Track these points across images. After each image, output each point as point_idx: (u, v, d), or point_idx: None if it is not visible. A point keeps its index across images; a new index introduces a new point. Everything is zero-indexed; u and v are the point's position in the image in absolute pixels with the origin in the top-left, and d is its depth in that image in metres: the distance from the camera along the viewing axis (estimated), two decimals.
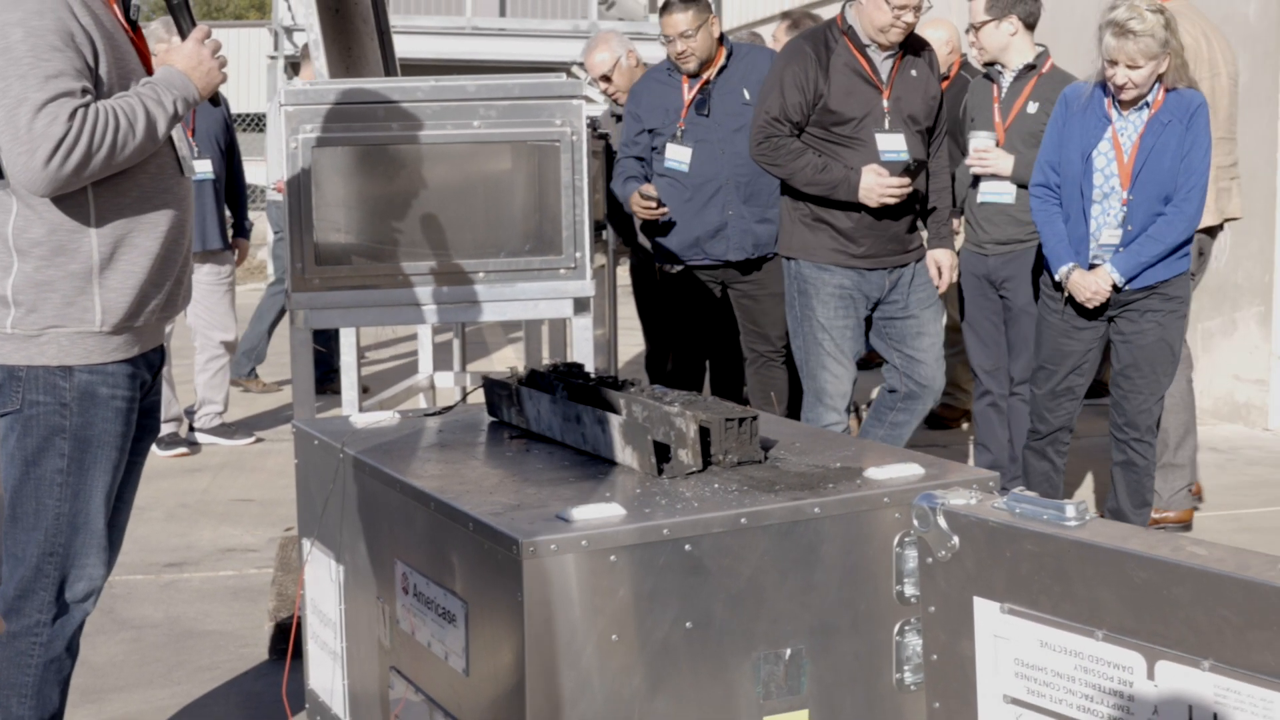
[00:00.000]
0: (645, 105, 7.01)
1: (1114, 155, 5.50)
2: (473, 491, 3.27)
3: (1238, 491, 7.40)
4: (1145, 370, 5.73)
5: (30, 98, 3.26)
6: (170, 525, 7.06)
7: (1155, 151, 5.44)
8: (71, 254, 3.47)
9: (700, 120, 6.85)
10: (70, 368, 3.51)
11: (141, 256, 3.55)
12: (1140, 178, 5.47)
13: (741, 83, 6.88)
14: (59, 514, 3.56)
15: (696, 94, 6.88)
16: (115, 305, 3.52)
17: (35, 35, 3.29)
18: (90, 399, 3.55)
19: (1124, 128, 5.50)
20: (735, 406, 3.57)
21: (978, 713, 3.00)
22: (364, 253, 5.15)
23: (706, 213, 6.86)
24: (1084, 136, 5.57)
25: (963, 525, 2.97)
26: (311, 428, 4.06)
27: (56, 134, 3.25)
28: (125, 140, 3.35)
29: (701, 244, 6.90)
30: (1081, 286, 5.59)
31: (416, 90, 5.03)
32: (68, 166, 3.27)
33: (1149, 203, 5.48)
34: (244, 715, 4.72)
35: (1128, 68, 5.29)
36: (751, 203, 6.85)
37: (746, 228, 6.87)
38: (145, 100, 3.42)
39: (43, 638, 3.60)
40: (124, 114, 3.36)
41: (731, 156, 6.80)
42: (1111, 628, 2.68)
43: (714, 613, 3.04)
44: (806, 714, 3.16)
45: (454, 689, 3.20)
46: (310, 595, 4.06)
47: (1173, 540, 2.71)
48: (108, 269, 3.50)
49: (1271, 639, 2.42)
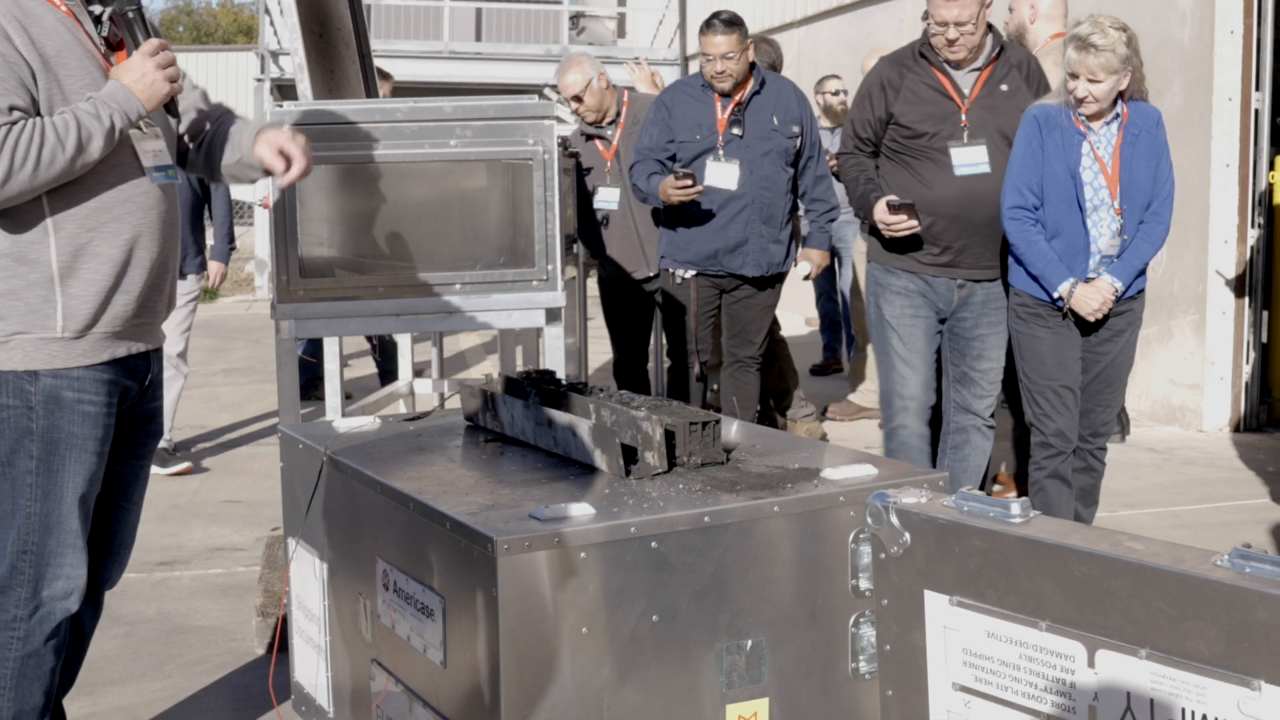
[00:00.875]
0: (677, 116, 6.91)
1: (1098, 168, 5.34)
2: (450, 492, 3.27)
3: (1173, 490, 7.43)
4: (1114, 383, 5.62)
5: None
6: (162, 525, 7.03)
7: (1134, 161, 5.34)
8: (32, 263, 3.44)
9: (733, 139, 6.82)
10: (36, 372, 3.48)
11: (104, 264, 3.50)
12: (1127, 187, 5.34)
13: (772, 109, 6.88)
14: (30, 513, 3.53)
15: (731, 113, 6.84)
16: (78, 311, 3.49)
17: None
18: (56, 403, 3.51)
19: (1098, 141, 5.35)
20: (699, 411, 3.58)
21: (929, 700, 3.01)
22: (346, 265, 5.14)
23: (730, 228, 6.83)
24: (1065, 153, 5.36)
25: (914, 523, 2.98)
26: (296, 432, 4.05)
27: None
28: (53, 155, 3.31)
29: (719, 257, 6.86)
30: (1087, 300, 5.34)
31: (396, 111, 5.02)
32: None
33: (1137, 211, 5.37)
34: (232, 706, 4.71)
35: (1089, 81, 5.18)
36: (769, 223, 6.86)
37: (764, 246, 6.87)
38: (80, 115, 3.37)
39: (19, 633, 3.57)
40: (54, 130, 3.32)
41: (759, 178, 6.80)
42: (1054, 619, 2.69)
43: (679, 606, 3.05)
44: (767, 702, 3.16)
45: (432, 680, 3.20)
46: (295, 592, 4.05)
47: (1111, 536, 2.73)
48: (69, 277, 3.47)
49: (1204, 629, 2.44)
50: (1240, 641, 2.38)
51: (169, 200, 3.68)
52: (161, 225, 3.64)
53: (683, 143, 6.84)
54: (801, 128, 6.94)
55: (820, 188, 7.07)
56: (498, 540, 2.86)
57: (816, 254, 7.18)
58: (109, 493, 3.80)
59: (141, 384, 3.76)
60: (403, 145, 4.98)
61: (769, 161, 6.81)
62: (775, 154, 6.84)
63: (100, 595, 3.95)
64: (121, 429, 3.74)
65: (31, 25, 3.39)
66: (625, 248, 7.77)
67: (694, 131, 6.83)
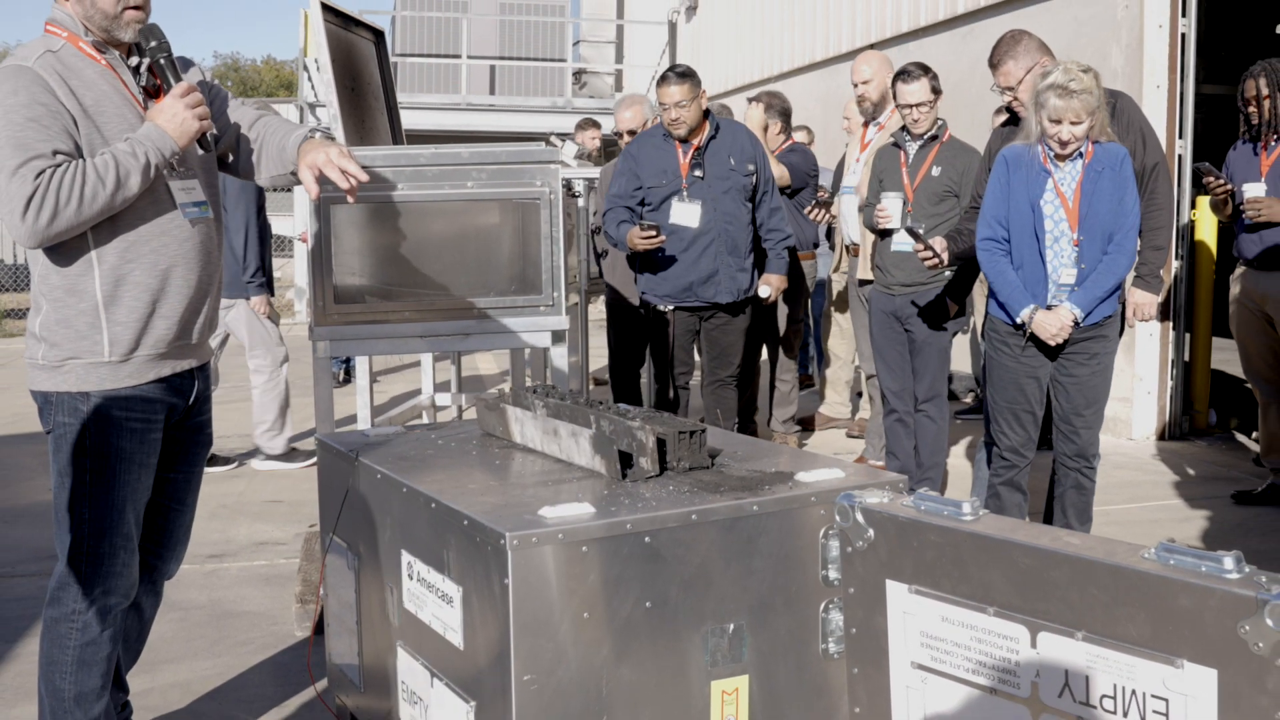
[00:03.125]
0: (644, 164, 6.91)
1: (1059, 203, 5.19)
2: (466, 493, 3.26)
3: (1106, 491, 7.42)
4: (1092, 404, 5.40)
5: (6, 164, 3.26)
6: (212, 523, 7.02)
7: (1095, 196, 5.15)
8: (80, 294, 3.46)
9: (695, 181, 6.82)
10: (88, 393, 3.50)
11: (142, 291, 3.51)
12: (1086, 220, 5.17)
13: (728, 152, 6.87)
14: (85, 520, 3.53)
15: (692, 158, 6.84)
16: (121, 336, 3.50)
17: (11, 111, 3.30)
18: (106, 421, 3.52)
19: (1063, 178, 5.19)
20: (687, 421, 3.57)
21: (890, 677, 3.00)
22: (376, 293, 5.13)
23: (701, 261, 6.81)
24: (1029, 188, 5.23)
25: (877, 520, 2.98)
26: (331, 440, 4.05)
27: (26, 193, 3.25)
28: (94, 192, 3.32)
29: (695, 288, 6.85)
30: (1046, 325, 5.21)
31: (419, 156, 5.02)
32: (41, 219, 3.27)
33: (1096, 242, 5.18)
34: (275, 683, 4.70)
35: (1071, 124, 5.05)
36: (734, 254, 6.84)
37: (733, 275, 6.86)
38: (119, 155, 3.37)
39: (78, 624, 3.57)
40: (95, 170, 3.33)
41: (722, 214, 6.80)
42: (1001, 605, 2.69)
43: (669, 594, 3.04)
44: (747, 679, 3.16)
45: (451, 660, 3.19)
46: (330, 581, 4.04)
47: (1051, 532, 2.73)
48: (112, 304, 3.48)
49: (1133, 614, 2.44)
50: (1165, 625, 2.38)
51: (202, 233, 3.67)
52: (196, 255, 3.63)
53: (650, 188, 6.86)
54: (755, 166, 6.93)
55: (775, 219, 7.06)
56: (509, 536, 2.85)
57: (775, 278, 7.14)
58: (165, 497, 3.79)
59: (188, 400, 3.76)
60: (425, 186, 4.98)
61: (729, 198, 6.81)
62: (734, 191, 6.83)
63: (160, 585, 3.95)
64: (172, 440, 3.74)
65: (72, 78, 3.41)
66: (625, 275, 7.78)
67: (660, 177, 6.85)
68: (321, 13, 6.18)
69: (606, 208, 6.99)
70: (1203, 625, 2.33)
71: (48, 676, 3.61)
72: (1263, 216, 6.71)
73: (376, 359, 8.53)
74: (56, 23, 3.49)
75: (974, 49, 11.00)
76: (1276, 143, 6.75)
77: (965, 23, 11.45)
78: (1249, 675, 2.28)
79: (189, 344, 3.68)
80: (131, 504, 3.59)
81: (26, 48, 3.43)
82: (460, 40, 21.03)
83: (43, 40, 3.46)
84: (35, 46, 3.43)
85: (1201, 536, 6.57)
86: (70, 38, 3.46)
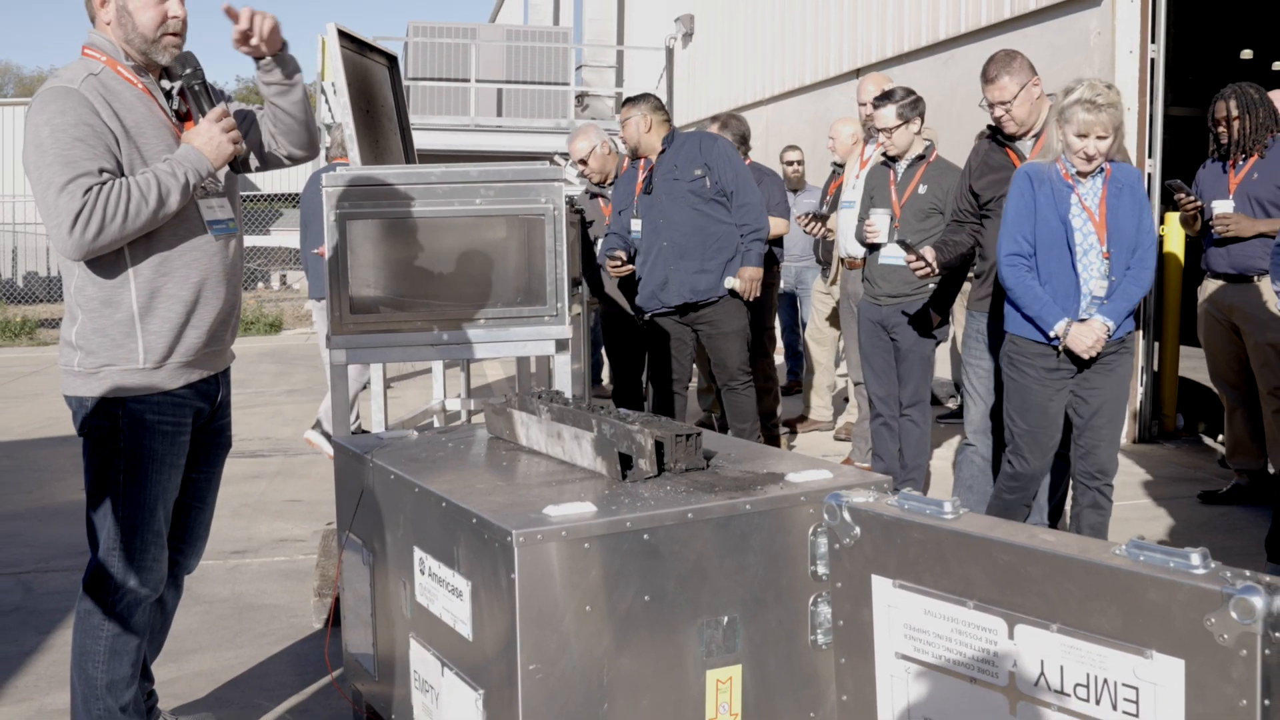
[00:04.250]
0: (619, 193, 7.08)
1: (1086, 216, 4.92)
2: (475, 493, 3.26)
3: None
4: (1113, 419, 5.09)
5: (55, 181, 3.28)
6: (235, 521, 7.02)
7: (1119, 211, 4.92)
8: (116, 305, 3.47)
9: (645, 198, 6.90)
10: (123, 399, 3.51)
11: (176, 304, 3.53)
12: (1113, 234, 4.92)
13: (674, 162, 6.89)
14: (119, 517, 3.54)
15: (645, 177, 6.93)
16: (155, 345, 3.51)
17: (59, 131, 3.31)
18: (139, 424, 3.53)
19: (1085, 194, 4.94)
20: (683, 425, 3.58)
21: (875, 667, 3.00)
22: (389, 304, 5.13)
23: (655, 270, 6.90)
24: (1056, 203, 4.96)
25: (863, 518, 2.99)
26: (348, 442, 4.05)
27: (74, 208, 3.26)
28: (138, 209, 3.34)
29: (657, 294, 6.93)
30: (1081, 337, 4.90)
31: (430, 174, 5.02)
32: (88, 234, 3.28)
33: (1123, 255, 4.93)
34: (294, 672, 4.70)
35: (1098, 138, 4.81)
36: (687, 258, 6.84)
37: (684, 279, 6.86)
38: (160, 174, 3.40)
39: (111, 615, 3.59)
40: (137, 187, 3.35)
41: (667, 225, 6.84)
42: (980, 599, 2.69)
43: (667, 588, 3.04)
44: (740, 668, 3.15)
45: (461, 650, 3.19)
46: (346, 576, 4.04)
47: (1028, 530, 2.73)
48: (147, 316, 3.49)
49: (1105, 607, 2.44)
50: (1135, 618, 2.39)
51: (229, 248, 3.70)
52: (224, 269, 3.66)
53: (621, 212, 7.05)
54: (705, 168, 6.86)
55: (742, 214, 6.93)
56: (515, 533, 2.85)
57: (748, 270, 6.92)
58: (187, 495, 3.81)
59: (212, 404, 3.78)
60: (436, 203, 4.98)
61: (675, 205, 6.81)
62: (680, 198, 6.81)
63: (181, 579, 3.95)
64: (196, 443, 3.75)
65: (114, 100, 3.42)
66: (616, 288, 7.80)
67: (626, 199, 7.02)
68: (338, 39, 6.18)
69: (606, 234, 7.13)
70: (1171, 618, 2.33)
71: (81, 665, 3.61)
72: (1230, 231, 6.71)
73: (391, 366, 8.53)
74: (95, 47, 3.50)
75: (954, 73, 11.01)
76: (1244, 161, 6.76)
77: (945, 48, 11.47)
78: (1215, 665, 2.28)
79: (216, 351, 3.71)
80: (162, 502, 3.61)
81: (69, 70, 3.44)
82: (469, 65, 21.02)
83: (83, 63, 3.47)
84: (77, 69, 3.43)
85: (1170, 534, 6.56)
86: (109, 61, 3.48)
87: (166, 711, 4.06)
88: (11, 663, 4.84)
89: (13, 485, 8.16)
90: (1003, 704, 2.67)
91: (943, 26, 11.53)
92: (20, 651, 4.96)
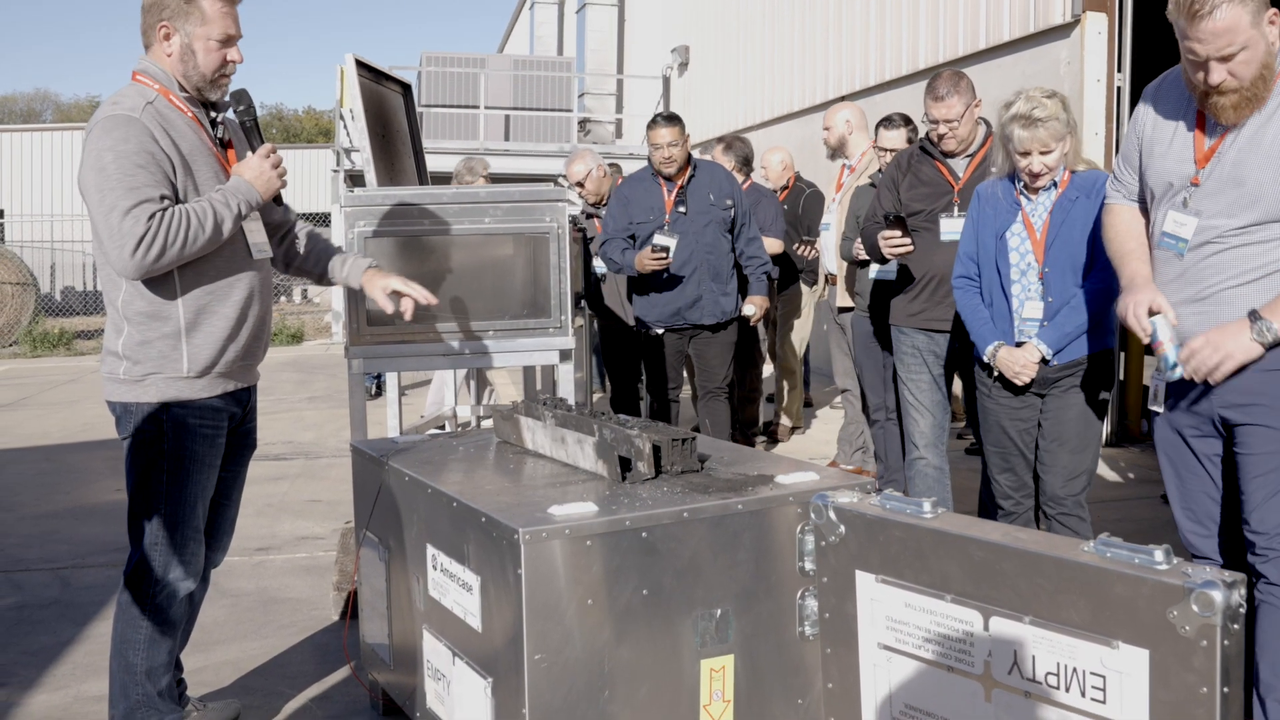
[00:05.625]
0: (634, 203, 6.91)
1: (1027, 235, 4.45)
2: (484, 494, 3.26)
3: None
4: (1064, 444, 4.49)
5: (119, 205, 3.28)
6: (259, 519, 7.02)
7: (1065, 225, 4.38)
8: (164, 319, 3.48)
9: (679, 216, 6.82)
10: (167, 404, 3.53)
11: (220, 320, 3.56)
12: (1053, 250, 4.40)
13: (707, 189, 6.86)
14: (161, 514, 3.56)
15: (676, 196, 6.84)
16: (199, 358, 3.53)
17: (122, 157, 3.31)
18: (182, 428, 3.55)
19: (1034, 209, 4.46)
20: (679, 430, 3.58)
21: (859, 656, 3.00)
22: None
23: (686, 288, 6.79)
24: (996, 221, 4.53)
25: (848, 517, 2.99)
26: (364, 446, 4.05)
27: (139, 232, 3.27)
28: (196, 235, 3.37)
29: (682, 312, 6.83)
30: (1009, 362, 4.44)
31: (442, 195, 5.03)
32: (149, 256, 3.29)
33: (1063, 274, 4.39)
34: (315, 661, 4.69)
35: (1041, 154, 4.35)
36: (716, 280, 6.82)
37: (715, 299, 6.84)
38: (214, 203, 3.43)
39: (151, 605, 3.60)
40: (195, 215, 3.37)
41: (704, 245, 6.78)
42: (957, 592, 2.69)
43: (664, 583, 3.04)
44: (732, 658, 3.15)
45: (471, 641, 3.19)
46: (364, 571, 4.04)
47: (1002, 528, 2.73)
48: (193, 330, 3.51)
49: (1074, 600, 2.44)
50: (1103, 610, 2.39)
51: (265, 269, 3.77)
52: (261, 289, 3.71)
53: (639, 224, 6.86)
54: (733, 200, 6.91)
55: (752, 247, 7.01)
56: (521, 531, 2.85)
57: (758, 299, 7.15)
58: (216, 493, 3.81)
59: (243, 410, 3.80)
60: (448, 222, 4.98)
61: (710, 230, 6.80)
62: (714, 224, 6.81)
63: (208, 573, 3.95)
64: (225, 445, 3.76)
65: (170, 128, 3.43)
66: (614, 301, 7.80)
67: (648, 214, 6.85)
68: (356, 68, 6.19)
69: (603, 239, 7.00)
70: (1136, 610, 2.33)
71: (121, 653, 3.62)
72: None
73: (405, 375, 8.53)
74: (147, 74, 3.51)
75: None
76: None
77: (924, 77, 11.46)
78: (1177, 655, 2.28)
79: (249, 364, 3.75)
80: (201, 500, 3.64)
81: (126, 98, 3.42)
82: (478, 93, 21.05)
83: (137, 91, 3.46)
84: (134, 98, 3.42)
85: (1135, 532, 6.56)
86: (162, 90, 3.48)
87: (195, 699, 4.06)
88: (50, 652, 4.83)
89: (51, 486, 8.15)
90: (978, 691, 2.66)
91: (922, 56, 11.54)
92: (58, 642, 4.95)
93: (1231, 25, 3.17)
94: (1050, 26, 9.49)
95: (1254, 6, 3.18)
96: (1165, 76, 3.58)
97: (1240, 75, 3.23)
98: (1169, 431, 3.56)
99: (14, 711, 4.25)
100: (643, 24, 22.77)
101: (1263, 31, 3.21)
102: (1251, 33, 3.19)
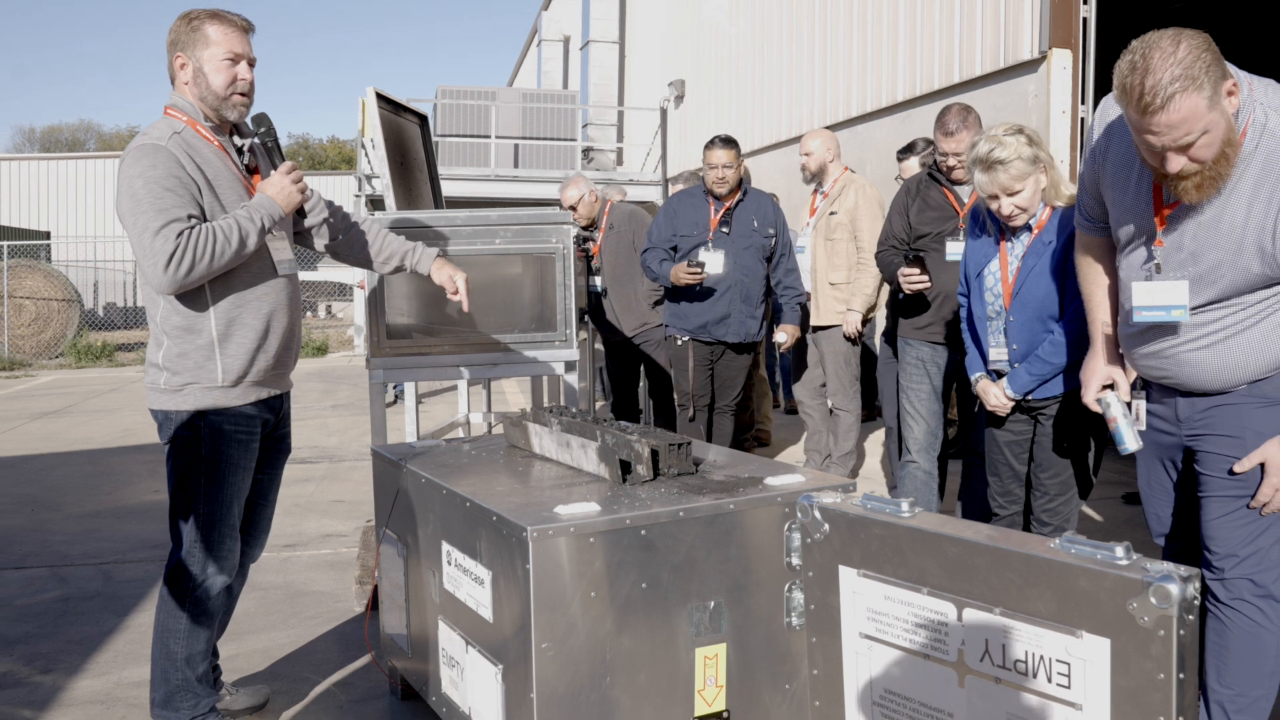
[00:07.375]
0: (681, 216, 6.77)
1: (1000, 275, 4.14)
2: (495, 494, 3.26)
3: None
4: (1050, 471, 4.21)
5: (150, 226, 3.29)
6: (287, 518, 7.01)
7: (1035, 273, 4.02)
8: (197, 332, 3.49)
9: (722, 235, 6.67)
10: (204, 412, 3.54)
11: (249, 332, 3.56)
12: (1019, 298, 4.08)
13: (753, 215, 6.73)
14: (199, 514, 3.56)
15: (722, 215, 6.70)
16: (231, 367, 3.54)
17: (152, 182, 3.32)
18: (218, 433, 3.56)
19: (1011, 248, 4.11)
20: (676, 435, 3.58)
21: (842, 645, 3.00)
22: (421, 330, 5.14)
23: (717, 305, 6.65)
24: (976, 256, 4.26)
25: (831, 516, 2.99)
26: (384, 450, 4.05)
27: (169, 249, 3.28)
28: (223, 249, 3.37)
29: (709, 327, 6.68)
30: (985, 394, 4.25)
31: (456, 218, 5.04)
32: (181, 270, 3.30)
33: (1028, 323, 4.08)
34: (338, 650, 4.69)
35: (1008, 196, 3.97)
36: (748, 302, 6.69)
37: (743, 320, 6.70)
38: (239, 219, 3.43)
39: (190, 598, 3.60)
40: (221, 230, 3.38)
41: (741, 267, 6.64)
42: (933, 586, 2.69)
43: (661, 577, 3.04)
44: (725, 646, 3.15)
45: (482, 630, 3.19)
46: (384, 566, 4.04)
47: (974, 527, 2.73)
48: (225, 342, 3.52)
49: (1041, 593, 2.44)
50: (1068, 602, 2.39)
51: (293, 284, 3.76)
52: (289, 302, 3.71)
53: (683, 236, 6.72)
54: (775, 230, 6.77)
55: (790, 278, 6.85)
56: (529, 529, 2.85)
57: (790, 328, 6.88)
58: (253, 494, 3.83)
59: (276, 416, 3.81)
60: (461, 243, 4.99)
61: (749, 254, 6.66)
62: (754, 249, 6.67)
63: (246, 568, 3.95)
64: (261, 448, 3.77)
65: (195, 155, 3.44)
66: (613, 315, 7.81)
67: (693, 228, 6.71)
68: (376, 100, 6.21)
69: (646, 247, 6.85)
70: (1099, 603, 2.33)
71: (162, 641, 3.63)
72: None
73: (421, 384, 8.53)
74: (177, 108, 3.52)
75: (911, 129, 11.02)
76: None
77: (904, 109, 11.50)
78: (1136, 644, 2.28)
79: (281, 372, 3.74)
80: (236, 500, 3.64)
81: (155, 129, 3.45)
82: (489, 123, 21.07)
83: (167, 123, 3.48)
84: (163, 129, 3.44)
85: (1097, 530, 6.56)
86: (189, 121, 3.50)
87: (228, 684, 4.06)
88: (94, 641, 4.83)
89: (94, 488, 8.15)
90: (952, 677, 2.66)
91: (901, 89, 11.56)
92: (101, 632, 4.95)
93: (1188, 115, 2.73)
94: (1019, 62, 9.51)
95: (1210, 89, 2.73)
96: None
97: (1202, 159, 2.81)
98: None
99: (60, 695, 4.25)
100: (642, 60, 22.81)
101: (1222, 110, 2.77)
102: (1210, 116, 2.75)
